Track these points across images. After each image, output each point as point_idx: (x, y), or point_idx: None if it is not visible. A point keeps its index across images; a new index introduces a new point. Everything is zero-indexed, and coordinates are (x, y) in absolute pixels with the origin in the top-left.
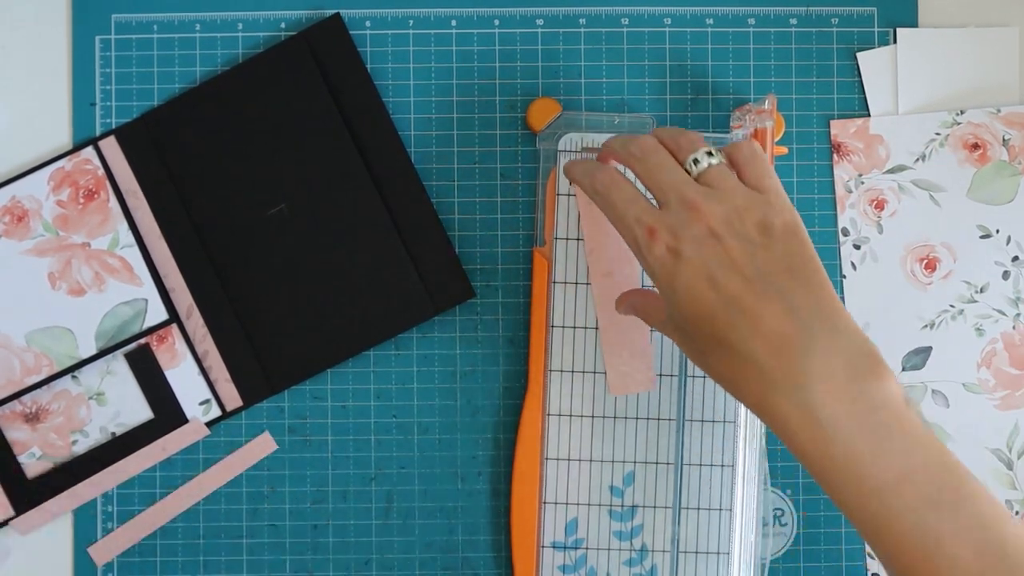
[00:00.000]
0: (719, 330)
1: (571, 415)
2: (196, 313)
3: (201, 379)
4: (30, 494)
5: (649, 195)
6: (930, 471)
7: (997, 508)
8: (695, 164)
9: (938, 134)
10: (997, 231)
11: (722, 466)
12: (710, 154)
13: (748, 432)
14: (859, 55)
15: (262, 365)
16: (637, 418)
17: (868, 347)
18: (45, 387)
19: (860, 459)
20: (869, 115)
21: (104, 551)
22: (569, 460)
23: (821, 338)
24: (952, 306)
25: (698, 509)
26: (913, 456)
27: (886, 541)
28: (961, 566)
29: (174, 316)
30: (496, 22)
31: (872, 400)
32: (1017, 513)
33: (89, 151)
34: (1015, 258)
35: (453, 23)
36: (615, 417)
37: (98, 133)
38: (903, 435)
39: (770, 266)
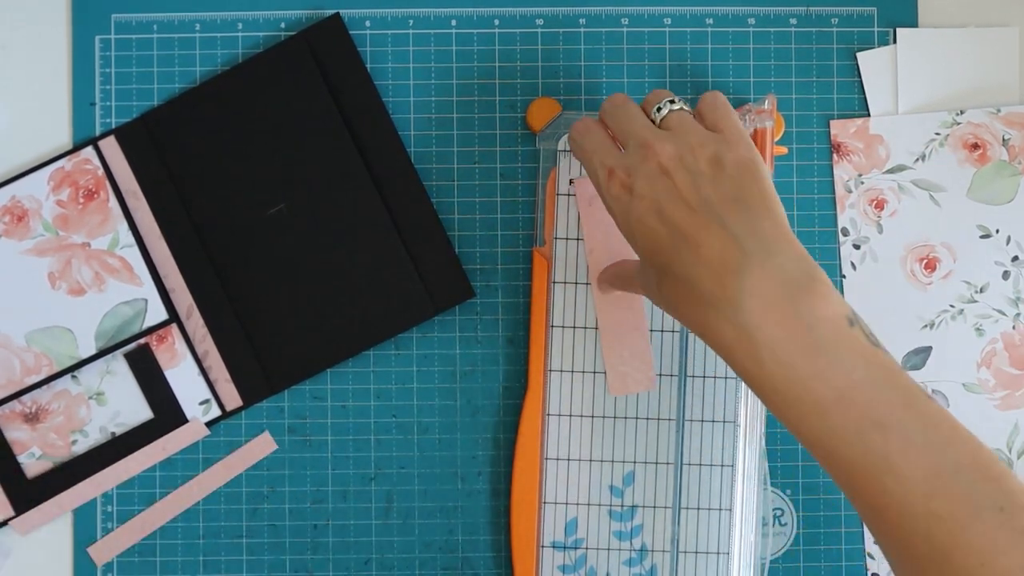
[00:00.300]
0: (667, 260)
1: (571, 415)
2: (196, 313)
3: (201, 379)
4: (30, 494)
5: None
6: (875, 390)
7: (948, 429)
8: (658, 112)
9: (938, 134)
10: (997, 231)
11: (722, 466)
12: (672, 102)
13: (748, 432)
14: (859, 55)
15: (262, 365)
16: (637, 418)
17: (808, 268)
18: (45, 387)
19: (798, 378)
20: (869, 115)
21: (104, 551)
22: (569, 460)
23: (758, 260)
24: (952, 306)
25: (698, 509)
26: (855, 374)
27: (833, 461)
28: (911, 487)
29: (174, 316)
30: (496, 22)
31: (809, 318)
32: None
33: (89, 151)
34: (1015, 258)
35: (453, 23)
36: (615, 417)
37: (98, 133)
38: (844, 353)
39: (716, 196)
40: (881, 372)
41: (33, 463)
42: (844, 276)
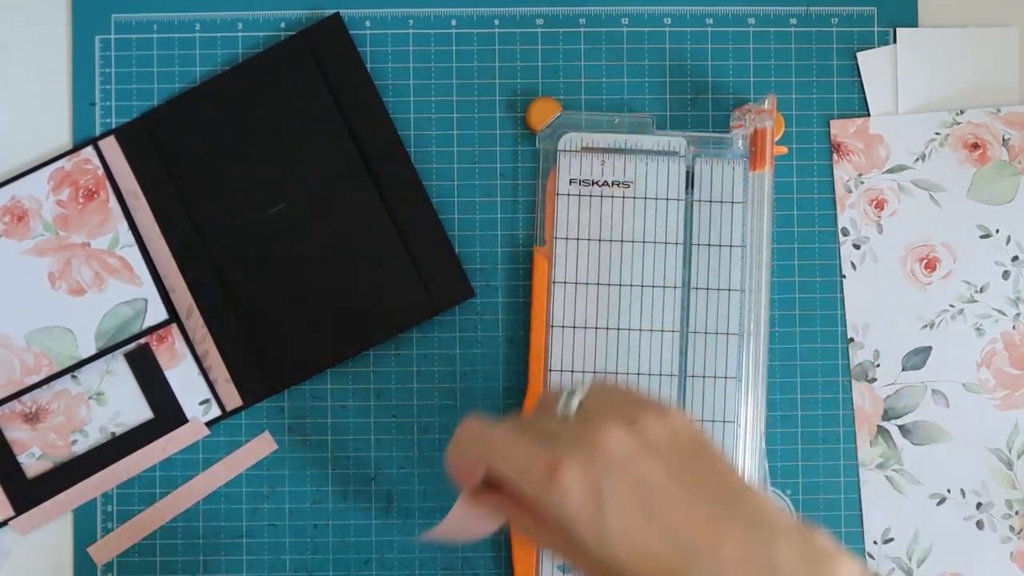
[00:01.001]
0: (670, 568)
1: None
2: (196, 313)
3: (201, 379)
4: (30, 494)
5: None
6: None
7: None
8: (568, 401)
9: (938, 134)
10: (997, 231)
11: None
12: (572, 392)
13: (748, 432)
14: (859, 55)
15: (262, 365)
16: None
17: (823, 543)
18: (45, 387)
19: None
20: (869, 115)
21: (104, 551)
22: None
23: (783, 549)
24: (952, 306)
25: None
26: None
27: None
28: None
29: (174, 316)
30: (496, 22)
31: None
32: (1017, 513)
33: (89, 151)
34: (1015, 258)
35: (453, 23)
36: None
37: (98, 133)
38: None
39: (701, 483)
40: None
41: (33, 463)
42: (844, 276)
